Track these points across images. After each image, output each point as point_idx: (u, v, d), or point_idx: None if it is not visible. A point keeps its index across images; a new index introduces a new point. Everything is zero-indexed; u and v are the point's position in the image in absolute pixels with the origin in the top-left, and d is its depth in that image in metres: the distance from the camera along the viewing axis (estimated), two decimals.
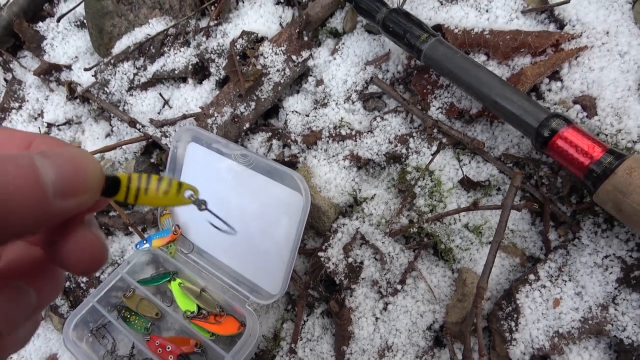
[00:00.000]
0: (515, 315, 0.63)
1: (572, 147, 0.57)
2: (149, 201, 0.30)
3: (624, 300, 0.59)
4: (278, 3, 0.92)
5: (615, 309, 0.59)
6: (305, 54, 0.85)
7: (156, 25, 0.98)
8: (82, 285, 0.99)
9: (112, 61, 0.99)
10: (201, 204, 0.32)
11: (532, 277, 0.64)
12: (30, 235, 0.26)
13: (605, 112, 0.62)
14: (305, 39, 0.86)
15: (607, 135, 0.61)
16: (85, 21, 1.07)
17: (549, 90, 0.67)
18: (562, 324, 0.61)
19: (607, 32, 0.65)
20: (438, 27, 0.74)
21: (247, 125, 0.85)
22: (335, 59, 0.83)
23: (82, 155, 0.26)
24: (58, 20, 1.12)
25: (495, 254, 0.60)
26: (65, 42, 1.12)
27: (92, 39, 1.04)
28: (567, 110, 0.64)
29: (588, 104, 0.63)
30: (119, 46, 1.00)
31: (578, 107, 0.64)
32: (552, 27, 0.70)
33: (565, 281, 0.63)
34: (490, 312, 0.66)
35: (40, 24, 1.14)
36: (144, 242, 0.87)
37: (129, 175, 0.30)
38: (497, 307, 0.65)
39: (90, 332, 0.83)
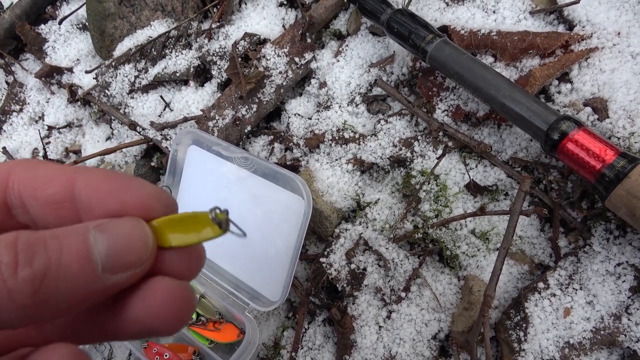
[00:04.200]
0: (524, 325, 0.61)
1: (583, 151, 0.55)
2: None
3: (637, 309, 0.57)
4: (281, 5, 0.91)
5: (629, 319, 0.57)
6: (308, 56, 0.84)
7: (158, 28, 0.97)
8: None
9: (113, 63, 0.98)
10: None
11: (541, 285, 0.62)
12: (77, 311, 0.26)
13: (617, 115, 0.60)
14: (309, 40, 0.85)
15: (619, 139, 0.59)
16: (87, 23, 1.06)
17: (559, 92, 0.65)
18: (572, 334, 0.59)
19: (619, 33, 0.64)
20: (444, 29, 0.72)
21: (249, 128, 0.84)
22: (338, 61, 0.82)
23: (135, 230, 0.26)
24: (60, 23, 1.11)
25: (503, 261, 0.58)
26: (67, 44, 1.11)
27: (94, 42, 1.03)
28: (577, 113, 0.62)
29: (599, 107, 0.62)
30: (121, 48, 0.99)
31: (589, 109, 0.62)
32: (561, 28, 0.68)
33: (576, 290, 0.60)
34: (498, 321, 0.64)
35: (42, 26, 1.13)
36: None
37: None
38: (505, 316, 0.63)
39: None
